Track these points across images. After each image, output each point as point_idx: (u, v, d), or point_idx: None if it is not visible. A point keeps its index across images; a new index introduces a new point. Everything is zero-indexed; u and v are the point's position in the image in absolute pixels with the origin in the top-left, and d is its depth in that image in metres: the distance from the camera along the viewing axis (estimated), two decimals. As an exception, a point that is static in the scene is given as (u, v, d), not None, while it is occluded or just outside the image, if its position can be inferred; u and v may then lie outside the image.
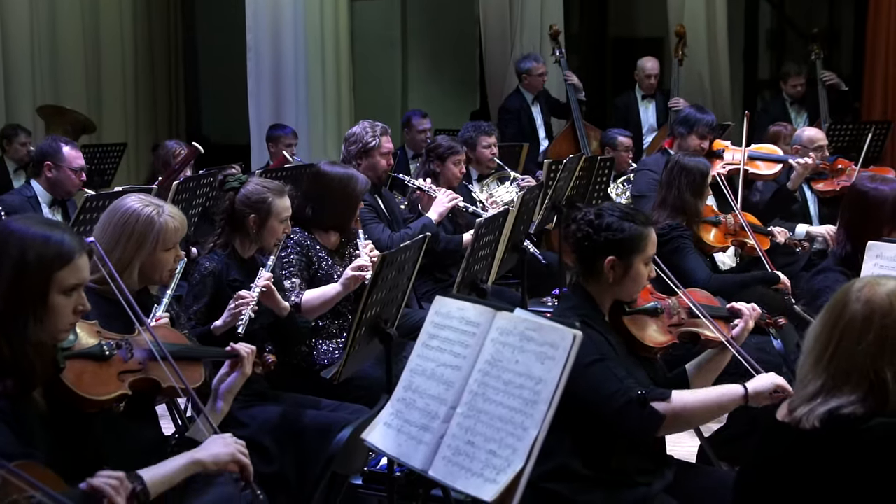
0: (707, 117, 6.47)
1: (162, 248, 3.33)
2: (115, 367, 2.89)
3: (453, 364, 2.63)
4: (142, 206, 3.34)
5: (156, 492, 2.62)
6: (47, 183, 5.95)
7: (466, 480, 2.43)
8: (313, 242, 4.60)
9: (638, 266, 3.24)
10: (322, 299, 4.41)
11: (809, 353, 2.53)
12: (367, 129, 5.66)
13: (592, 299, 3.27)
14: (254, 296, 3.78)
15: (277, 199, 4.09)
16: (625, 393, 3.01)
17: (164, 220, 3.33)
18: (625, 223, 3.22)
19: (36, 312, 2.55)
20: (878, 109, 9.75)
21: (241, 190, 4.10)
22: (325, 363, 4.46)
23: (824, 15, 12.11)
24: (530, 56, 9.47)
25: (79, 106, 10.15)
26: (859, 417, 2.40)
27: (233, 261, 4.07)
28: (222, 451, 2.79)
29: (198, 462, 2.74)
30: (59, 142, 6.04)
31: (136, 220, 3.31)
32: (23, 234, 2.58)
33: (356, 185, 4.67)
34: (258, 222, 4.06)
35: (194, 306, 3.95)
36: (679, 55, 9.53)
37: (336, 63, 10.12)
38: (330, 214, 4.65)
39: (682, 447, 4.98)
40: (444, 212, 5.76)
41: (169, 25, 12.61)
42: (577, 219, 3.31)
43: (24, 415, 2.57)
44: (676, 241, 4.98)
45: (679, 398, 3.07)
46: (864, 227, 4.33)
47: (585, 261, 3.27)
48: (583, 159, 6.79)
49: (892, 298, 2.45)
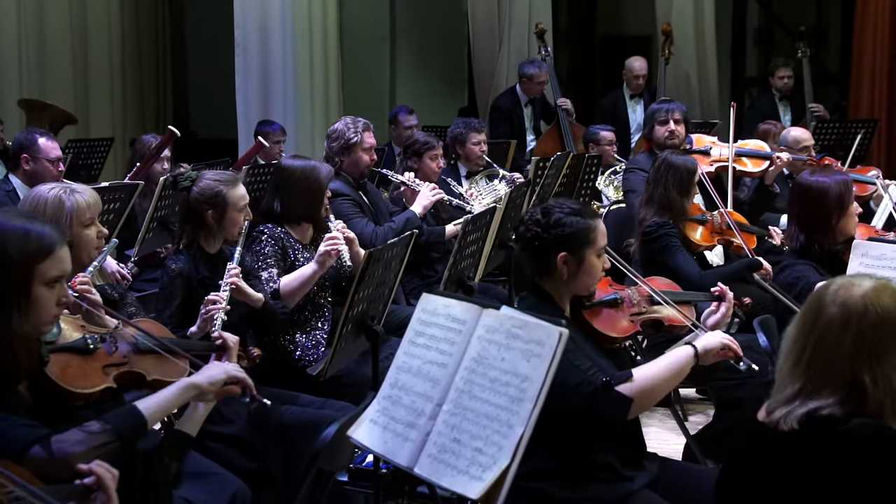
0: (659, 105, 6.51)
1: (79, 224, 3.37)
2: (100, 361, 2.90)
3: (439, 361, 2.63)
4: (48, 190, 3.40)
5: (154, 419, 2.73)
6: (25, 176, 5.92)
7: (452, 478, 2.43)
8: (287, 236, 4.61)
9: (591, 259, 3.25)
10: (300, 280, 4.42)
11: (787, 357, 2.52)
12: (349, 126, 5.68)
13: (550, 297, 3.28)
14: (223, 297, 3.77)
15: (231, 189, 4.10)
16: (589, 382, 3.03)
17: (74, 198, 3.38)
18: (572, 218, 3.24)
19: (19, 305, 2.56)
20: (865, 107, 9.76)
21: (193, 188, 4.10)
22: (308, 358, 4.46)
23: (812, 12, 12.14)
24: (535, 62, 9.47)
25: (66, 100, 10.11)
26: (838, 419, 2.39)
27: (199, 258, 4.08)
28: (216, 372, 2.89)
29: (193, 385, 2.84)
30: (35, 133, 6.01)
31: (46, 204, 3.35)
32: (2, 227, 2.58)
33: (319, 176, 4.68)
34: (216, 216, 4.07)
35: (167, 310, 3.95)
36: (666, 53, 9.54)
37: (324, 58, 10.11)
38: (298, 207, 4.66)
39: (667, 445, 5.00)
40: (428, 205, 5.78)
41: (157, 19, 12.57)
42: (525, 219, 3.32)
43: (9, 408, 2.57)
44: (664, 238, 4.99)
45: (640, 375, 3.10)
46: (813, 217, 4.44)
47: (538, 259, 3.28)
48: (570, 157, 6.79)
49: (867, 301, 2.43)
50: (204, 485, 3.28)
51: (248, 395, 2.92)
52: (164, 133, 6.82)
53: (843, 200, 4.44)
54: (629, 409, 3.07)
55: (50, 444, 2.47)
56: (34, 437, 2.48)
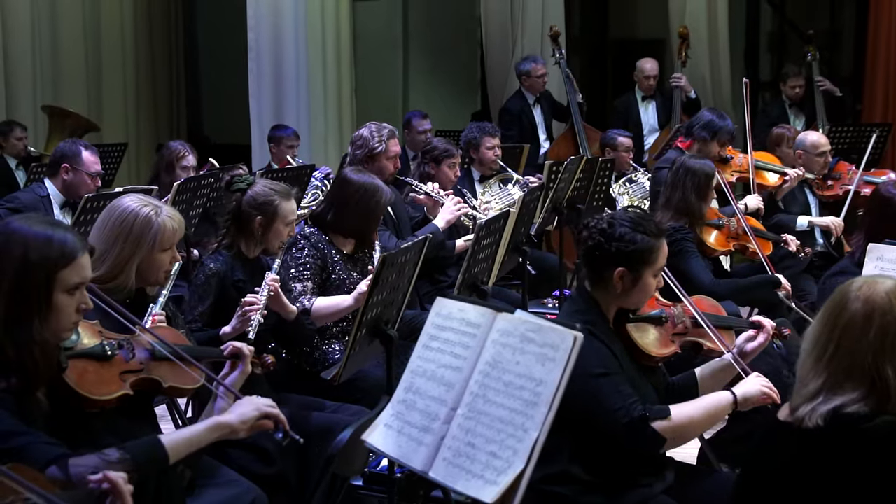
0: (728, 124, 6.50)
1: (159, 248, 3.32)
2: (117, 367, 2.90)
3: (454, 365, 2.63)
4: (140, 206, 3.32)
5: (176, 456, 2.68)
6: (62, 185, 5.95)
7: (467, 482, 2.43)
8: (329, 246, 4.56)
9: (647, 278, 3.23)
10: (333, 309, 4.37)
11: (809, 354, 2.55)
12: (374, 133, 5.60)
13: (598, 305, 3.25)
14: (262, 300, 3.77)
15: (284, 201, 4.09)
16: (627, 412, 3.01)
17: (162, 220, 3.31)
18: (637, 234, 3.19)
19: (40, 311, 2.57)
20: (879, 111, 9.74)
21: (248, 191, 4.09)
22: (326, 365, 4.45)
23: (825, 16, 12.09)
24: (529, 58, 9.46)
25: (80, 106, 10.16)
26: (863, 416, 2.41)
27: (237, 261, 4.07)
28: (248, 409, 2.84)
29: (223, 424, 2.79)
30: (79, 145, 6.03)
31: (134, 220, 3.29)
32: (25, 233, 2.59)
33: (381, 198, 4.63)
34: (264, 224, 4.06)
35: (199, 307, 3.94)
36: (682, 56, 9.51)
37: (337, 63, 10.12)
38: (350, 222, 4.61)
39: (682, 450, 4.95)
40: (451, 219, 5.68)
41: (170, 25, 12.61)
42: (590, 226, 3.28)
43: (27, 414, 2.58)
44: (680, 244, 4.97)
45: (678, 415, 3.07)
46: (885, 231, 4.37)
47: (594, 269, 3.25)
48: (584, 161, 6.79)
49: (892, 296, 2.48)
50: (222, 492, 3.28)
51: (281, 430, 2.88)
52: (183, 138, 6.83)
53: None
54: (661, 447, 3.07)
55: (67, 466, 2.45)
56: (52, 455, 2.46)
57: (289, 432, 2.88)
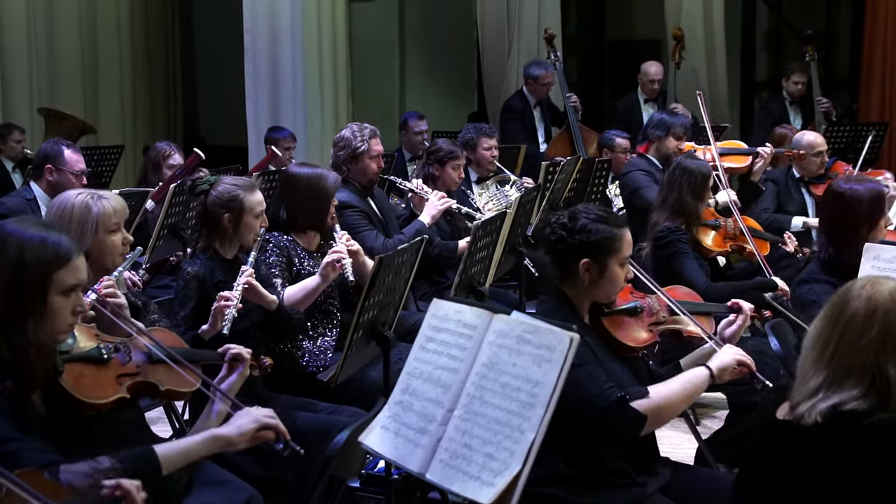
0: (681, 119, 6.59)
1: (104, 230, 3.37)
2: (114, 371, 2.90)
3: (450, 367, 2.63)
4: (75, 195, 3.41)
5: (170, 467, 2.66)
6: (48, 186, 5.94)
7: (464, 483, 2.43)
8: (293, 244, 4.60)
9: (613, 268, 3.24)
10: (303, 292, 4.39)
11: (811, 351, 2.57)
12: (356, 133, 5.59)
13: (570, 302, 3.27)
14: (236, 294, 3.79)
15: (248, 194, 4.11)
16: (605, 396, 3.01)
17: (101, 203, 3.38)
18: (598, 225, 3.22)
19: (35, 313, 2.57)
20: (876, 111, 9.75)
21: (211, 192, 4.11)
22: (315, 364, 4.46)
23: (822, 16, 12.10)
24: (541, 64, 9.44)
25: (76, 107, 10.15)
26: (861, 413, 2.42)
27: (216, 262, 4.09)
28: (246, 422, 2.81)
29: (220, 437, 2.77)
30: (61, 145, 6.01)
31: (73, 209, 3.36)
32: (20, 235, 2.60)
33: (325, 184, 4.66)
34: (233, 220, 4.08)
35: (181, 311, 3.96)
36: (676, 58, 9.52)
37: (333, 64, 10.12)
38: (304, 215, 4.64)
39: (679, 449, 4.98)
40: (436, 214, 5.68)
41: (166, 26, 12.60)
42: (551, 222, 3.31)
43: (23, 417, 2.57)
44: (675, 245, 4.98)
45: (656, 393, 3.09)
46: (843, 228, 4.36)
47: (561, 264, 3.27)
48: (580, 161, 6.79)
49: (894, 296, 2.50)
50: (216, 493, 3.28)
51: (282, 441, 2.86)
52: (179, 140, 6.84)
53: (875, 212, 4.38)
54: (643, 426, 3.06)
55: (58, 472, 2.44)
56: (44, 462, 2.45)
57: (290, 443, 2.85)
